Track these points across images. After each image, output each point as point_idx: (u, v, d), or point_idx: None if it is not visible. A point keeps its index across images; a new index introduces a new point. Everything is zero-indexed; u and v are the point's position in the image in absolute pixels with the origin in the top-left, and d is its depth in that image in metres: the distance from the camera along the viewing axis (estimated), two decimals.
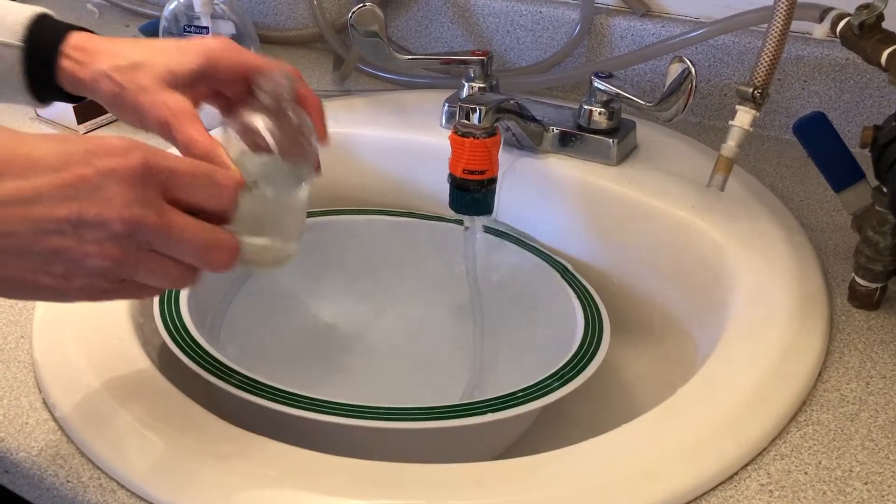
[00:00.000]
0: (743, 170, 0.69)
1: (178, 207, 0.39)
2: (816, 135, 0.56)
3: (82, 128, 0.77)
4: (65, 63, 0.50)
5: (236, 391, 0.49)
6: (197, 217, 0.39)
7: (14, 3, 0.52)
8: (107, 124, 0.78)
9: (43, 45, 0.50)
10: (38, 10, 0.52)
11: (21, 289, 0.37)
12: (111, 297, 0.39)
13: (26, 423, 0.46)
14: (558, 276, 0.64)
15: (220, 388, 0.49)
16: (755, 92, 0.57)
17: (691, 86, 0.59)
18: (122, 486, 0.42)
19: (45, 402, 0.48)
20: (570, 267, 0.65)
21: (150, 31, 0.91)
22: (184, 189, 0.39)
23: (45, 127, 0.78)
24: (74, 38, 0.51)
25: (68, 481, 0.43)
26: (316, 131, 0.51)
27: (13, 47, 0.50)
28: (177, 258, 0.39)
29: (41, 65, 0.51)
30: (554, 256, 0.66)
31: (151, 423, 0.45)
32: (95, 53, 0.50)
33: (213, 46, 0.50)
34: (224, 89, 0.52)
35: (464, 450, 0.52)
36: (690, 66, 0.59)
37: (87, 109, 0.76)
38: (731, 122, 0.59)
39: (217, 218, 0.40)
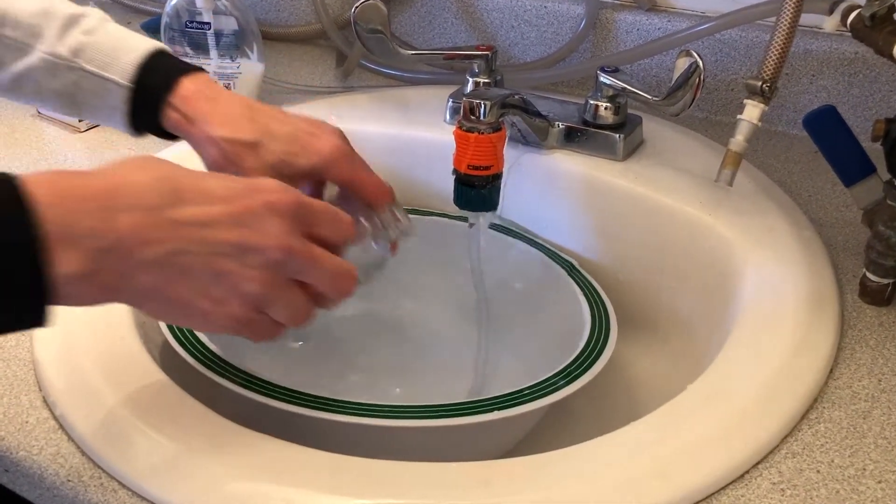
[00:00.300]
0: (751, 165, 0.68)
1: (309, 240, 0.42)
2: (826, 128, 0.55)
3: (83, 124, 0.76)
4: (171, 114, 0.53)
5: (238, 389, 0.48)
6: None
7: (135, 37, 0.55)
8: None
9: (152, 88, 0.53)
10: (154, 47, 0.54)
11: (177, 310, 0.40)
12: (246, 330, 0.42)
13: (26, 422, 0.46)
14: (564, 272, 0.63)
15: (221, 386, 0.49)
16: (764, 86, 0.57)
17: (699, 80, 0.58)
18: (123, 486, 0.42)
19: (45, 401, 0.47)
20: (576, 264, 0.64)
21: (153, 27, 0.91)
22: (317, 224, 0.42)
23: (46, 123, 0.77)
24: (185, 88, 0.53)
25: (69, 480, 0.42)
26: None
27: (122, 87, 0.53)
28: (314, 285, 0.43)
29: (146, 107, 0.54)
30: (560, 253, 0.65)
31: (153, 422, 0.44)
32: (209, 114, 0.52)
33: (329, 153, 0.52)
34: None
35: (470, 448, 0.51)
36: (698, 59, 0.58)
37: None
38: (739, 117, 0.58)
39: (336, 251, 0.44)
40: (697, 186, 0.64)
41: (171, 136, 0.55)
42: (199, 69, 0.54)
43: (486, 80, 0.71)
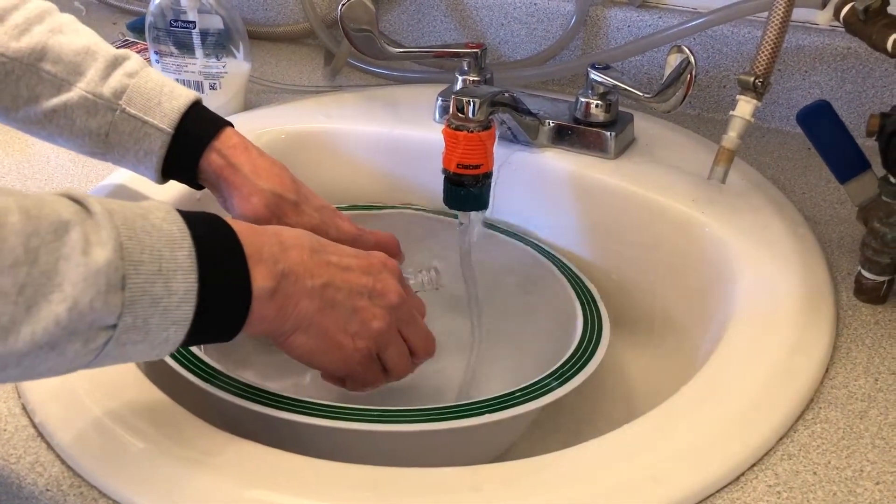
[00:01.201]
0: (744, 162, 0.67)
1: None
2: (820, 124, 0.54)
3: None
4: (214, 159, 0.55)
5: (223, 394, 0.47)
6: None
7: (176, 84, 0.56)
8: None
9: (195, 134, 0.56)
10: (195, 96, 0.56)
11: (323, 341, 0.46)
12: (365, 371, 0.49)
13: (4, 430, 0.45)
14: (556, 272, 0.62)
15: (207, 392, 0.47)
16: (756, 81, 0.56)
17: (691, 76, 0.57)
18: (104, 495, 0.41)
19: (24, 408, 0.46)
20: (568, 263, 0.63)
21: (138, 28, 0.90)
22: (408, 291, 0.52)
23: None
24: (229, 137, 0.56)
25: (48, 490, 0.41)
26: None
27: (163, 132, 0.55)
28: (409, 340, 0.50)
29: (186, 152, 0.56)
30: (551, 252, 0.64)
31: (136, 430, 0.43)
32: (255, 167, 0.55)
33: (351, 235, 0.58)
34: None
35: (460, 453, 0.50)
36: (690, 55, 0.57)
37: None
38: (731, 113, 0.57)
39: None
40: (690, 184, 0.63)
41: (198, 186, 0.58)
42: (231, 124, 0.58)
43: (476, 78, 0.70)
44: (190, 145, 0.56)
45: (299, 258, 0.44)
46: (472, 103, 0.56)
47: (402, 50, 0.73)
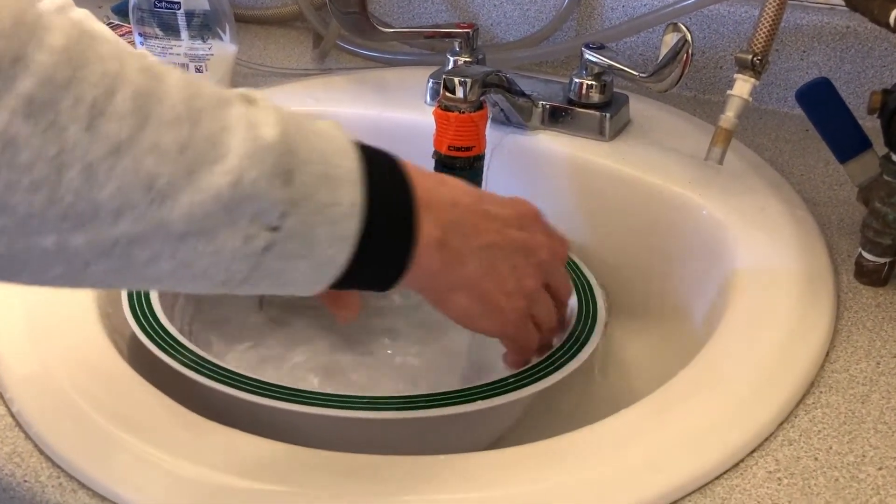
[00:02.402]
0: (741, 144, 0.66)
1: None
2: (820, 102, 0.53)
3: None
4: None
5: (210, 382, 0.46)
6: None
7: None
8: None
9: None
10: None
11: (481, 304, 0.43)
12: (523, 331, 0.46)
13: None
14: None
15: (192, 380, 0.46)
16: (755, 59, 0.55)
17: (687, 54, 0.56)
18: (84, 486, 0.39)
19: (1, 397, 0.44)
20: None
21: (123, 11, 0.88)
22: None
23: None
24: None
25: (25, 481, 0.40)
26: None
27: None
28: (554, 289, 0.48)
29: None
30: None
31: (117, 418, 0.42)
32: None
33: None
34: None
35: (452, 440, 0.49)
36: (687, 33, 0.56)
37: None
38: (729, 92, 0.56)
39: None
40: (686, 166, 0.62)
41: None
42: None
43: (468, 59, 0.69)
44: None
45: (467, 211, 0.41)
46: (463, 83, 0.55)
47: (392, 30, 0.71)
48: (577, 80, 0.65)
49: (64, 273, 0.30)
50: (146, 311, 0.51)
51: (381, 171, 0.36)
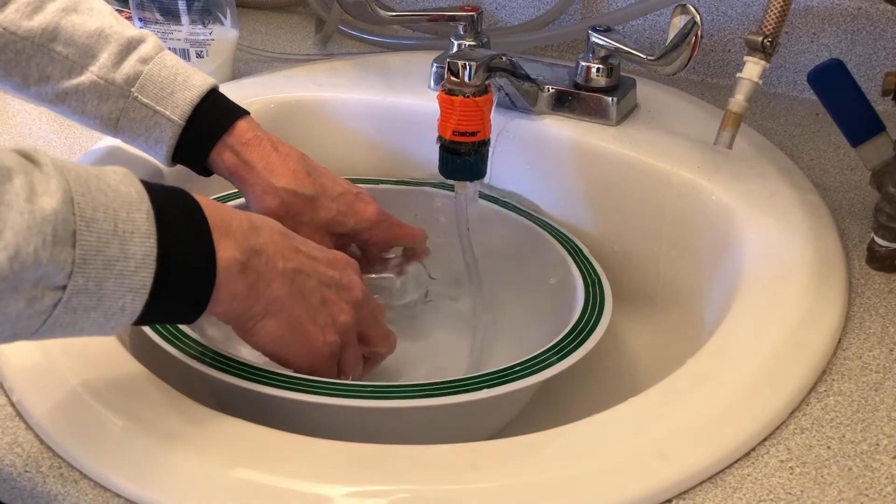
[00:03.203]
0: (750, 128, 0.65)
1: None
2: (833, 84, 0.52)
3: None
4: (227, 156, 0.54)
5: (212, 371, 0.45)
6: None
7: (191, 72, 0.55)
8: None
9: (206, 127, 0.54)
10: (210, 86, 0.55)
11: (293, 329, 0.44)
12: (327, 369, 0.46)
13: None
14: (556, 243, 0.60)
15: (193, 368, 0.46)
16: (765, 41, 0.54)
17: (696, 37, 0.55)
18: (85, 476, 0.39)
19: (1, 387, 0.44)
20: (568, 234, 0.61)
21: None
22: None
23: (10, 97, 0.74)
24: (241, 131, 0.54)
25: (26, 471, 0.40)
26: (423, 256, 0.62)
27: (174, 122, 0.54)
28: (371, 337, 0.50)
29: (196, 145, 0.54)
30: (551, 223, 0.62)
31: (118, 408, 0.41)
32: (270, 164, 0.54)
33: (374, 218, 0.57)
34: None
35: (458, 429, 0.48)
36: (696, 15, 0.55)
37: None
38: (738, 75, 0.55)
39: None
40: (695, 151, 0.61)
41: (207, 172, 0.57)
42: (247, 112, 0.56)
43: (472, 43, 0.68)
44: (201, 138, 0.54)
45: (270, 238, 0.43)
46: (468, 67, 0.54)
47: (394, 14, 0.70)
48: (583, 64, 0.64)
49: None
50: None
51: (174, 213, 0.37)
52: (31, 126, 0.69)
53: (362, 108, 0.70)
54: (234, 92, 0.63)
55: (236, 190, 0.61)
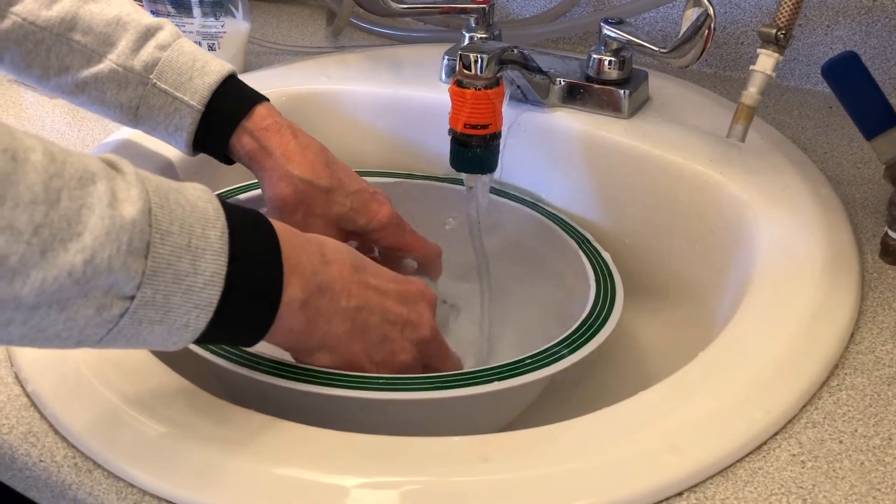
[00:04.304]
0: (763, 121, 0.65)
1: None
2: (847, 77, 0.51)
3: None
4: (246, 141, 0.54)
5: (222, 362, 0.45)
6: None
7: (209, 58, 0.55)
8: None
9: (225, 113, 0.54)
10: (228, 71, 0.54)
11: (348, 366, 0.44)
12: None
13: None
14: (567, 237, 0.60)
15: (206, 360, 0.46)
16: (779, 33, 0.53)
17: (709, 30, 0.55)
18: (99, 466, 0.39)
19: (17, 377, 0.44)
20: (579, 228, 0.61)
21: None
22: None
23: (24, 88, 0.74)
24: (261, 116, 0.54)
25: (41, 461, 0.40)
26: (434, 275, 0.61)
27: (193, 108, 0.53)
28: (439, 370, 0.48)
29: (216, 131, 0.54)
30: (562, 217, 0.62)
31: (132, 399, 0.41)
32: (288, 151, 0.53)
33: (387, 219, 0.56)
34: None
35: (469, 421, 0.48)
36: (709, 7, 0.54)
37: None
38: (752, 68, 0.55)
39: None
40: (707, 144, 0.60)
41: (229, 161, 0.56)
42: (266, 98, 0.56)
43: (484, 36, 0.67)
44: (220, 124, 0.54)
45: (339, 273, 0.42)
46: (479, 59, 0.54)
47: (406, 6, 0.70)
48: (595, 56, 0.64)
49: None
50: None
51: (248, 237, 0.37)
52: (44, 119, 0.70)
53: (373, 100, 0.70)
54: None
55: (248, 182, 0.62)
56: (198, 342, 0.37)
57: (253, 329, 0.39)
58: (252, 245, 0.38)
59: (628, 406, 0.41)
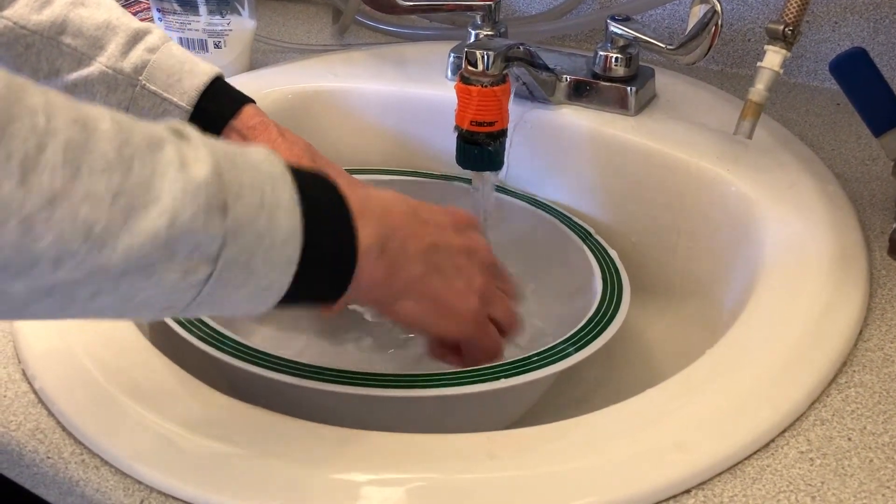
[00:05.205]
0: (770, 118, 0.64)
1: None
2: (855, 73, 0.51)
3: None
4: (233, 139, 0.54)
5: (229, 359, 0.45)
6: None
7: (196, 61, 0.55)
8: None
9: (214, 113, 0.55)
10: (216, 73, 0.55)
11: (432, 306, 0.44)
12: (481, 331, 0.47)
13: (4, 396, 0.43)
14: (574, 235, 0.60)
15: (213, 357, 0.46)
16: (786, 29, 0.53)
17: (717, 26, 0.55)
18: (106, 463, 0.39)
19: (24, 374, 0.45)
20: (585, 225, 0.61)
21: None
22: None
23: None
24: (248, 116, 0.55)
25: (48, 457, 0.40)
26: None
27: (182, 109, 0.54)
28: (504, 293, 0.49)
29: (203, 131, 0.54)
30: (568, 214, 0.62)
31: (138, 396, 0.42)
32: (275, 148, 0.52)
33: None
34: None
35: (474, 419, 0.48)
36: (716, 3, 0.54)
37: None
38: (759, 64, 0.55)
39: None
40: (714, 141, 0.60)
41: None
42: (252, 99, 0.56)
43: (490, 33, 0.67)
44: (209, 124, 0.54)
45: (403, 216, 0.43)
46: (485, 56, 0.54)
47: (411, 4, 0.70)
48: (601, 54, 0.64)
49: (4, 311, 0.31)
50: None
51: (315, 191, 0.37)
52: None
53: (379, 98, 0.70)
54: (251, 82, 0.63)
55: None
56: (282, 304, 0.36)
57: (334, 284, 0.39)
58: (320, 201, 0.37)
59: (635, 403, 0.41)
